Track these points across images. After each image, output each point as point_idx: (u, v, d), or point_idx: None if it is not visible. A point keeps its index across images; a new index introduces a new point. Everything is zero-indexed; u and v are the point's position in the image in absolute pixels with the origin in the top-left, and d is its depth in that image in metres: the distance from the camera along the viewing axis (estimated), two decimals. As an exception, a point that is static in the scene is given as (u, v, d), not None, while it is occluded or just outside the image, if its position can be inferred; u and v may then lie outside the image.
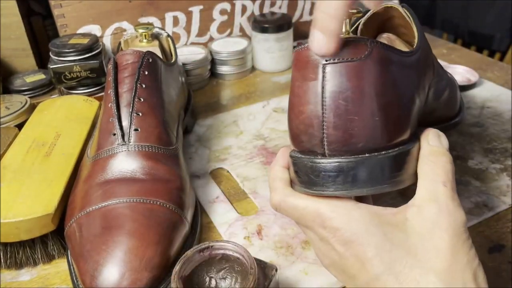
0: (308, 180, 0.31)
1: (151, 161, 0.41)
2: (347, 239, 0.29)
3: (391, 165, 0.30)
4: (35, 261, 0.40)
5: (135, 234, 0.35)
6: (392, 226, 0.29)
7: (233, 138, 0.57)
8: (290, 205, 0.32)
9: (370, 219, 0.29)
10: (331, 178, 0.30)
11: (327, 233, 0.30)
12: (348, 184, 0.29)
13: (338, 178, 0.29)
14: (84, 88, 0.62)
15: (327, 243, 0.30)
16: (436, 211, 0.28)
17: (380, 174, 0.30)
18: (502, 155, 0.51)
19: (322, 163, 0.30)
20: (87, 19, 0.66)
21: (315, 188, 0.30)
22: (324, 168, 0.30)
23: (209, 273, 0.33)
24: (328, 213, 0.30)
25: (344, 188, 0.29)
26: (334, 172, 0.29)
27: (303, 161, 0.31)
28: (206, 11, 0.74)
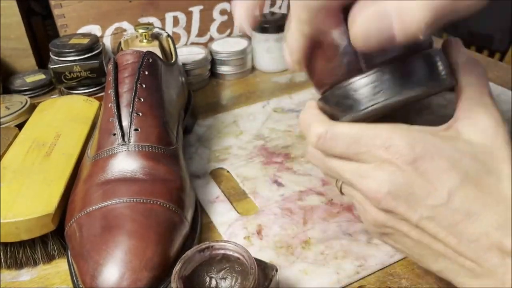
0: (351, 102, 0.29)
1: (151, 161, 0.41)
2: (416, 156, 0.27)
3: (433, 62, 0.29)
4: (35, 261, 0.40)
5: (135, 234, 0.35)
6: (452, 139, 0.28)
7: (233, 138, 0.57)
8: (339, 132, 0.30)
9: (433, 136, 0.28)
10: (378, 88, 0.28)
11: (391, 155, 0.28)
12: (398, 88, 0.28)
13: (385, 86, 0.28)
14: (84, 88, 0.62)
15: (390, 165, 0.28)
16: (494, 123, 0.29)
17: (426, 71, 0.29)
18: (502, 155, 0.51)
19: (364, 76, 0.28)
20: (87, 19, 0.66)
21: (363, 107, 0.29)
22: (367, 82, 0.28)
23: (209, 273, 0.33)
24: (388, 132, 0.28)
25: (394, 94, 0.28)
26: (378, 81, 0.28)
27: (340, 87, 0.29)
28: (206, 11, 0.74)
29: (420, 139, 0.28)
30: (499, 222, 0.26)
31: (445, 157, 0.27)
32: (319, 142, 0.31)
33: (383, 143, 0.28)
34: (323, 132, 0.30)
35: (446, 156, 0.27)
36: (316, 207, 0.45)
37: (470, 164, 0.27)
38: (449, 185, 0.27)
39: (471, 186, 0.27)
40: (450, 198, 0.27)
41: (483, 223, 0.26)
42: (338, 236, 0.42)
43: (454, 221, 0.27)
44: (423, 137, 0.28)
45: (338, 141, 0.30)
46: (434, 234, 0.28)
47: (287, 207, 0.45)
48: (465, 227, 0.27)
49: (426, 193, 0.27)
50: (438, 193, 0.27)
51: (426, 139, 0.28)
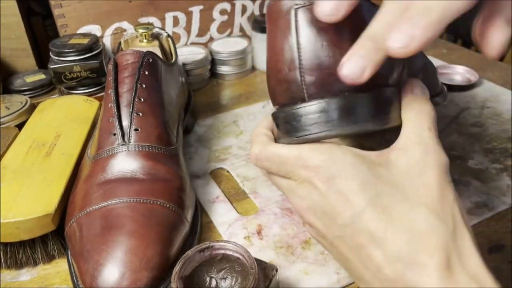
0: (290, 128, 0.31)
1: (151, 161, 0.41)
2: (330, 175, 0.28)
3: (373, 103, 0.30)
4: (35, 261, 0.40)
5: (135, 234, 0.35)
6: (376, 164, 0.29)
7: (233, 138, 0.57)
8: (269, 152, 0.32)
9: (353, 157, 0.29)
10: (313, 120, 0.29)
11: (309, 173, 0.29)
12: (331, 124, 0.29)
13: (320, 119, 0.29)
14: (84, 88, 0.62)
15: (308, 184, 0.30)
16: (422, 151, 0.28)
17: (363, 112, 0.29)
18: (502, 155, 0.51)
19: (303, 107, 0.30)
20: (87, 19, 0.66)
21: (297, 134, 0.30)
22: (305, 112, 0.30)
23: (210, 273, 0.33)
24: (310, 152, 0.30)
25: (327, 128, 0.29)
26: (316, 114, 0.29)
27: (284, 111, 0.31)
28: (206, 11, 0.74)
29: (338, 158, 0.29)
30: (402, 252, 0.26)
31: (358, 179, 0.28)
32: (257, 162, 0.33)
33: (304, 162, 0.30)
34: (258, 153, 0.33)
35: (360, 178, 0.28)
36: (316, 207, 0.45)
37: (384, 189, 0.27)
38: (356, 207, 0.27)
39: (378, 211, 0.27)
40: (354, 220, 0.27)
41: (386, 251, 0.26)
42: (338, 236, 0.42)
43: (359, 243, 0.27)
44: (342, 157, 0.29)
45: (271, 161, 0.32)
46: (345, 254, 0.29)
47: (287, 207, 0.45)
48: (369, 252, 0.27)
49: (336, 213, 0.28)
50: (345, 214, 0.28)
51: (344, 159, 0.29)
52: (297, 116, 0.30)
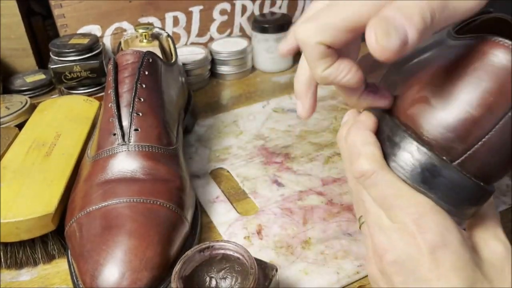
0: (420, 173, 0.28)
1: (151, 161, 0.41)
2: (440, 242, 0.27)
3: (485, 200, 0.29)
4: (35, 261, 0.40)
5: (135, 234, 0.35)
6: (470, 247, 0.29)
7: (233, 138, 0.57)
8: (385, 180, 0.28)
9: (461, 234, 0.28)
10: (445, 187, 0.28)
11: (417, 228, 0.27)
12: (455, 201, 0.28)
13: (453, 192, 0.28)
14: (84, 88, 0.62)
15: (409, 236, 0.27)
16: (504, 249, 0.29)
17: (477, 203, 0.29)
18: (502, 155, 0.51)
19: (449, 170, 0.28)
20: (87, 19, 0.66)
21: (422, 185, 0.28)
22: (446, 175, 0.28)
23: (210, 273, 0.33)
24: (427, 208, 0.27)
25: (450, 203, 0.28)
26: (454, 185, 0.28)
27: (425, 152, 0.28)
28: (206, 11, 0.74)
29: (451, 229, 0.27)
30: None
31: (464, 257, 0.27)
32: (360, 178, 0.30)
33: (416, 213, 0.28)
34: (369, 172, 0.29)
35: (465, 257, 0.27)
36: (316, 207, 0.45)
37: (479, 277, 0.27)
38: (453, 284, 0.26)
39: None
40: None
41: None
42: (338, 236, 0.42)
43: None
44: (455, 229, 0.28)
45: (378, 188, 0.29)
46: None
47: (287, 207, 0.45)
48: None
49: (429, 278, 0.27)
50: (436, 284, 0.27)
51: (456, 233, 0.28)
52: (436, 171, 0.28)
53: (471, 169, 0.28)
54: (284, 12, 0.79)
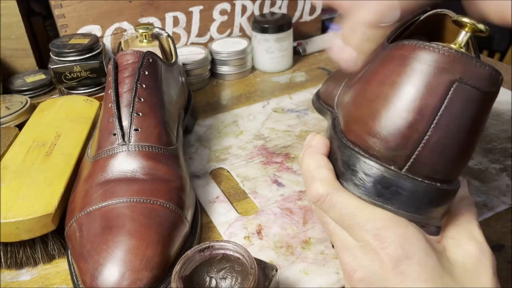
0: (372, 187, 0.28)
1: (151, 161, 0.41)
2: (402, 255, 0.27)
3: (449, 199, 0.29)
4: (35, 261, 0.40)
5: (135, 234, 0.35)
6: (439, 252, 0.28)
7: (233, 138, 0.57)
8: (339, 201, 0.29)
9: (425, 241, 0.28)
10: (401, 196, 0.28)
11: (378, 242, 0.27)
12: (414, 207, 0.28)
13: (409, 199, 0.28)
14: (84, 88, 0.62)
15: (373, 252, 0.27)
16: (478, 249, 0.28)
17: (439, 204, 0.28)
18: (502, 155, 0.51)
19: (399, 178, 0.28)
20: (87, 19, 0.66)
21: (377, 199, 0.28)
22: (398, 184, 0.28)
23: (210, 273, 0.33)
24: (384, 221, 0.28)
25: (409, 210, 0.28)
26: (407, 192, 0.28)
27: (374, 166, 0.28)
28: (206, 11, 0.74)
29: (412, 238, 0.27)
30: None
31: (430, 267, 0.27)
32: (317, 202, 0.30)
33: (375, 229, 0.28)
34: (323, 195, 0.29)
35: (431, 266, 0.27)
36: (316, 207, 0.45)
37: (449, 283, 0.27)
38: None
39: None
40: None
41: None
42: (338, 236, 0.42)
43: None
44: (416, 238, 0.27)
45: (335, 209, 0.29)
46: None
47: (287, 207, 0.45)
48: None
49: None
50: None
51: (418, 241, 0.27)
52: (388, 183, 0.28)
53: (421, 173, 0.28)
54: (284, 12, 0.79)
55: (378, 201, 0.28)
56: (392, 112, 0.28)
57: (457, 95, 0.26)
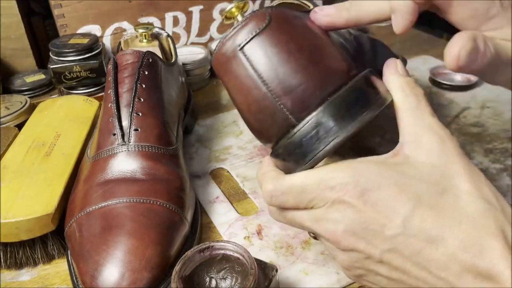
0: (296, 157, 0.30)
1: (151, 161, 0.41)
2: (362, 189, 0.27)
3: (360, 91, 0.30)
4: (35, 261, 0.40)
5: (135, 234, 0.35)
6: (398, 165, 0.28)
7: (233, 138, 0.57)
8: (285, 185, 0.30)
9: (377, 165, 0.28)
10: (314, 138, 0.29)
11: (337, 193, 0.28)
12: (332, 132, 0.29)
13: (321, 133, 0.29)
14: (84, 88, 0.62)
15: (339, 204, 0.28)
16: (438, 140, 0.28)
17: (355, 105, 0.29)
18: (502, 155, 0.51)
19: (298, 131, 0.29)
20: (87, 19, 0.66)
21: (307, 158, 0.30)
22: (302, 134, 0.29)
23: (209, 273, 0.33)
24: (331, 173, 0.28)
25: (332, 137, 0.29)
26: (314, 130, 0.29)
27: (281, 145, 0.31)
28: (206, 11, 0.74)
29: (362, 171, 0.28)
30: (466, 243, 0.25)
31: (393, 184, 0.27)
32: (271, 200, 0.31)
33: (327, 184, 0.28)
34: (272, 189, 0.31)
35: (393, 183, 0.27)
36: (316, 207, 0.45)
37: (421, 187, 0.27)
38: (402, 212, 0.26)
39: (426, 209, 0.26)
40: (406, 225, 0.26)
41: (448, 247, 0.25)
42: (338, 236, 0.42)
43: (416, 249, 0.26)
44: (365, 169, 0.28)
45: (288, 194, 0.30)
46: (400, 267, 0.27)
47: (287, 207, 0.45)
48: (429, 254, 0.25)
49: (381, 225, 0.26)
50: (393, 222, 0.26)
51: (369, 170, 0.28)
52: (297, 142, 0.30)
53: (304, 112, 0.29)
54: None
55: (309, 161, 0.30)
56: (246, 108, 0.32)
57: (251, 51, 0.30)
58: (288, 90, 0.29)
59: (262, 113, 0.31)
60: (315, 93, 0.29)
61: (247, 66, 0.30)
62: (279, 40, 0.30)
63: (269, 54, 0.30)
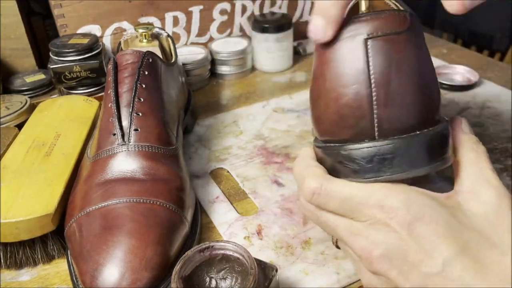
0: (359, 168, 0.28)
1: (151, 161, 0.41)
2: (411, 217, 0.26)
3: (441, 141, 0.29)
4: (35, 261, 0.40)
5: (135, 234, 0.35)
6: (450, 207, 0.27)
7: (233, 138, 0.57)
8: (333, 188, 0.29)
9: (431, 199, 0.27)
10: (388, 161, 0.28)
11: (385, 214, 0.27)
12: (406, 165, 0.27)
13: (395, 160, 0.27)
14: (84, 88, 0.62)
15: (383, 226, 0.27)
16: (495, 196, 0.27)
17: (433, 150, 0.28)
18: (502, 155, 0.51)
19: (375, 146, 0.28)
20: (87, 19, 0.66)
21: (368, 176, 0.28)
22: (378, 152, 0.28)
23: (209, 273, 0.33)
24: (385, 192, 0.27)
25: (402, 170, 0.28)
26: (391, 154, 0.27)
27: (347, 148, 0.29)
28: (206, 11, 0.74)
29: (416, 200, 0.27)
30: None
31: (443, 222, 0.26)
32: (313, 197, 0.30)
33: (378, 201, 0.27)
34: (318, 187, 0.30)
35: (444, 222, 0.26)
36: (316, 207, 0.45)
37: (470, 235, 0.26)
38: (445, 254, 0.25)
39: (470, 259, 0.25)
40: (446, 268, 0.25)
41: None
42: (338, 236, 0.42)
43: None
44: (419, 198, 0.27)
45: (332, 197, 0.29)
46: None
47: (287, 207, 0.45)
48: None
49: (419, 259, 0.26)
50: (433, 261, 0.26)
51: (423, 201, 0.27)
52: (367, 156, 0.28)
53: (393, 130, 0.28)
54: (284, 12, 0.79)
55: (370, 177, 0.28)
56: (335, 96, 0.29)
57: (375, 49, 0.28)
58: (391, 104, 0.27)
59: (349, 109, 0.28)
60: (412, 120, 0.28)
61: (362, 58, 0.28)
62: (409, 51, 0.28)
63: (392, 59, 0.27)
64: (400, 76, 0.28)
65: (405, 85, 0.28)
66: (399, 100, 0.28)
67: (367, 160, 0.28)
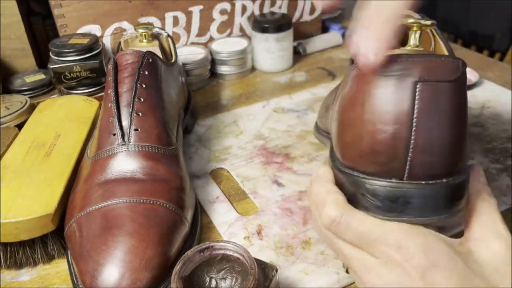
0: (381, 205, 0.28)
1: (151, 161, 0.41)
2: (427, 264, 0.26)
3: (462, 191, 0.29)
4: (35, 261, 0.40)
5: (135, 234, 0.35)
6: (463, 255, 0.28)
7: (233, 138, 0.57)
8: (354, 219, 0.29)
9: (447, 246, 0.27)
10: (412, 204, 0.28)
11: (401, 255, 0.27)
12: (429, 210, 0.28)
13: (420, 204, 0.28)
14: (84, 88, 0.62)
15: (398, 266, 0.27)
16: (505, 245, 0.28)
17: (454, 198, 0.28)
18: (502, 155, 0.51)
19: (403, 188, 0.28)
20: (87, 19, 0.66)
21: (390, 215, 0.28)
22: (405, 194, 0.28)
23: (209, 273, 0.33)
24: (404, 233, 0.27)
25: (424, 215, 0.28)
26: (417, 199, 0.28)
27: (376, 185, 0.29)
28: (206, 11, 0.74)
29: (433, 246, 0.27)
30: None
31: (457, 271, 0.26)
32: (332, 225, 0.30)
33: (396, 242, 0.27)
34: (338, 216, 0.29)
35: (458, 271, 0.26)
36: (316, 207, 0.45)
37: (480, 285, 0.26)
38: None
39: None
40: None
41: None
42: (338, 236, 0.42)
43: None
44: (438, 245, 0.27)
45: (351, 229, 0.29)
46: None
47: (287, 207, 0.45)
48: None
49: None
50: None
51: (440, 248, 0.27)
52: (393, 195, 0.28)
53: (422, 175, 0.28)
54: (284, 12, 0.79)
55: (391, 216, 0.28)
56: (372, 130, 0.28)
57: (424, 93, 0.27)
58: (428, 150, 0.27)
59: (384, 147, 0.28)
60: (443, 169, 0.28)
61: (408, 100, 0.27)
62: (455, 101, 0.27)
63: (438, 107, 0.27)
64: (441, 125, 0.27)
65: (445, 135, 0.27)
66: (436, 148, 0.27)
67: (391, 200, 0.28)
